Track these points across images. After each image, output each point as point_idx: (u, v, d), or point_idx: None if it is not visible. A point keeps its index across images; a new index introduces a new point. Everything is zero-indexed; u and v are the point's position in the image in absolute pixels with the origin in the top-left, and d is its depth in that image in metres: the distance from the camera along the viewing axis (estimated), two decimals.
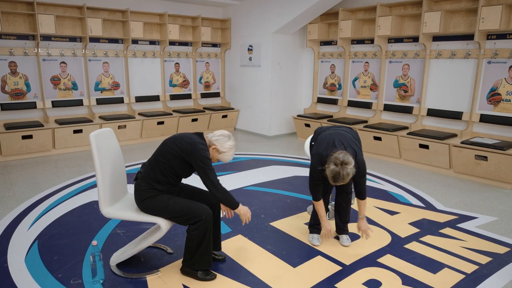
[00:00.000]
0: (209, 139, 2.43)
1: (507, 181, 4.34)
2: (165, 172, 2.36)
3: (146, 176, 2.39)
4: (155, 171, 2.37)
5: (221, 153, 2.42)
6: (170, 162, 2.34)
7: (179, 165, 2.35)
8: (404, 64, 5.74)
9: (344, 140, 2.63)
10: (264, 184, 4.37)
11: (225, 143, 2.41)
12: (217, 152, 2.42)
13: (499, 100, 4.79)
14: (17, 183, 4.32)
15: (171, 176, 2.38)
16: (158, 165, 2.37)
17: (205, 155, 2.33)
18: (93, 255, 2.34)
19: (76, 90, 6.21)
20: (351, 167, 2.40)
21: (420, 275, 2.54)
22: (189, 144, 2.33)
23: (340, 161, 2.39)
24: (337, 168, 2.39)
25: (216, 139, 2.42)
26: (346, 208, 2.93)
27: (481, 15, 4.55)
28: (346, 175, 2.39)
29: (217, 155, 2.43)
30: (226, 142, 2.42)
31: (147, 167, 2.42)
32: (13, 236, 3.01)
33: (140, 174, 2.44)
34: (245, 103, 7.53)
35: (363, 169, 2.61)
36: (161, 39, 6.80)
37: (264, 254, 2.81)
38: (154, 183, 2.37)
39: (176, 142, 2.36)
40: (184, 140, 2.36)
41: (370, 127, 5.60)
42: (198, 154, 2.30)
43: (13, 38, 5.53)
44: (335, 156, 2.43)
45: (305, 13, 6.15)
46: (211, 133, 2.47)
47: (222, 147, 2.41)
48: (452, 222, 3.40)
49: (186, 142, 2.35)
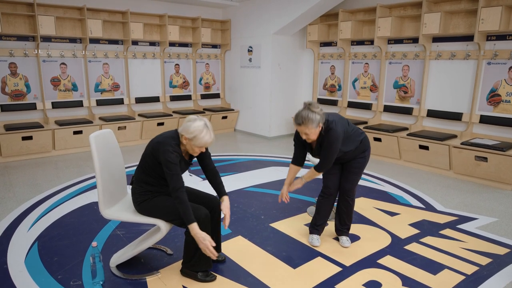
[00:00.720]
0: (179, 132, 2.26)
1: (507, 182, 4.34)
2: (150, 174, 2.35)
3: (138, 179, 2.40)
4: (144, 174, 2.37)
5: (192, 139, 2.21)
6: (149, 163, 2.32)
7: (157, 165, 2.28)
8: (404, 65, 5.74)
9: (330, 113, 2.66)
10: (264, 185, 4.36)
11: (190, 127, 2.20)
12: (189, 141, 2.23)
13: (499, 101, 4.79)
14: (17, 184, 4.32)
15: (157, 178, 2.36)
16: (143, 168, 2.36)
17: (167, 159, 2.17)
18: (93, 256, 2.34)
19: (76, 91, 6.21)
20: (315, 115, 2.42)
21: (420, 276, 2.54)
22: (157, 143, 2.25)
23: (307, 104, 2.47)
24: (301, 109, 2.48)
25: (182, 128, 2.23)
26: (346, 213, 2.92)
27: (481, 16, 4.55)
28: (305, 116, 2.42)
29: (191, 143, 2.23)
30: (192, 125, 2.21)
31: (137, 170, 2.43)
32: (13, 237, 3.01)
33: (134, 177, 2.45)
34: (245, 104, 7.54)
35: (331, 141, 2.52)
36: (161, 40, 6.81)
37: (264, 255, 2.80)
38: (146, 186, 2.37)
39: (151, 142, 2.34)
40: (156, 139, 2.30)
41: (370, 128, 5.60)
42: (162, 157, 2.19)
43: (13, 39, 5.54)
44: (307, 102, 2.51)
45: (305, 14, 6.15)
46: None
47: (189, 133, 2.20)
48: (452, 223, 3.40)
49: (156, 141, 2.28)
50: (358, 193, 4.08)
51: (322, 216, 2.96)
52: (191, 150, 2.30)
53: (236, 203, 3.78)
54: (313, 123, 2.43)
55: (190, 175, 4.70)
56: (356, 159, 2.77)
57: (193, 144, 2.24)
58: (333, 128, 2.52)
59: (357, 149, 2.74)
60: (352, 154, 2.74)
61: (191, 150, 2.30)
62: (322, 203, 2.92)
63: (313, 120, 2.43)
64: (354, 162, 2.78)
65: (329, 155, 2.58)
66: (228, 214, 2.46)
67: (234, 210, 3.60)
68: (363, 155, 2.79)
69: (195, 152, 2.32)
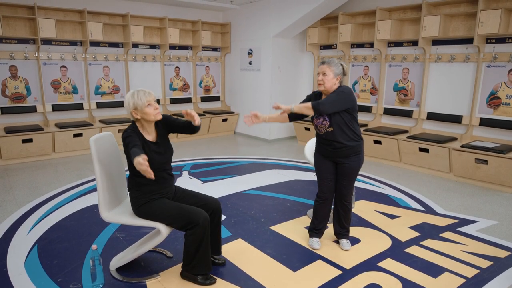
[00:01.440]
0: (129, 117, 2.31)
1: (507, 184, 4.34)
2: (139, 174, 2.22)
3: (132, 184, 2.41)
4: (134, 177, 2.37)
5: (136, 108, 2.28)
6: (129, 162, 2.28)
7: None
8: (403, 68, 5.75)
9: None
10: (264, 188, 4.36)
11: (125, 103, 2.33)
12: (137, 111, 2.30)
13: (499, 104, 4.80)
14: (17, 187, 4.31)
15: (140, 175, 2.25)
16: (131, 171, 2.35)
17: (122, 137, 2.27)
18: (93, 259, 2.34)
19: (76, 94, 6.22)
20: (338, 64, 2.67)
21: (421, 279, 2.53)
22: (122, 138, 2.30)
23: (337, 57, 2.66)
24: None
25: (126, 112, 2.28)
26: (344, 216, 2.92)
27: (480, 19, 4.56)
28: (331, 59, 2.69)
29: (141, 112, 2.29)
30: (125, 101, 2.34)
31: (129, 177, 2.44)
32: (12, 240, 3.01)
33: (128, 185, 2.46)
34: (245, 106, 7.54)
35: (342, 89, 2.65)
36: (161, 43, 6.82)
37: (264, 258, 2.80)
38: (142, 187, 2.37)
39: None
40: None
41: (370, 130, 5.60)
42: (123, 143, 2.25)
43: (13, 42, 5.55)
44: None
45: (305, 17, 6.17)
46: None
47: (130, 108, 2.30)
48: (452, 226, 3.40)
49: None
50: (358, 196, 4.08)
51: (320, 220, 2.96)
52: (148, 117, 2.30)
53: (236, 206, 3.78)
54: (335, 66, 2.65)
55: (190, 178, 4.70)
56: (349, 157, 2.74)
57: (140, 110, 2.29)
58: (346, 86, 2.72)
59: (353, 147, 2.72)
60: (347, 150, 2.72)
61: (148, 117, 2.30)
62: (318, 207, 2.92)
63: (336, 65, 2.66)
64: (347, 165, 2.75)
65: (334, 100, 2.61)
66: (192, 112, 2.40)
67: (234, 213, 3.60)
68: (357, 158, 2.76)
69: (155, 116, 2.32)
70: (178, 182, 4.50)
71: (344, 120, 2.66)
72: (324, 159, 2.83)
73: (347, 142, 2.70)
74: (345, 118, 2.67)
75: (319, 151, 2.87)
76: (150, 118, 2.32)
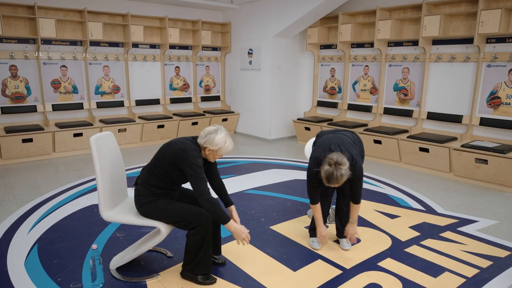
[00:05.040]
0: (201, 144, 2.33)
1: (508, 184, 4.34)
2: (161, 177, 2.35)
3: (145, 181, 2.39)
4: (153, 177, 2.37)
5: (217, 150, 2.31)
6: (165, 168, 2.33)
7: (174, 171, 2.32)
8: (404, 67, 5.75)
9: (341, 144, 2.64)
10: (264, 188, 4.36)
11: (215, 139, 2.29)
12: (214, 152, 2.33)
13: (499, 104, 4.80)
14: (17, 187, 4.31)
15: (169, 182, 2.37)
16: (155, 171, 2.37)
17: (195, 163, 2.24)
18: (93, 259, 2.34)
19: (77, 94, 6.22)
20: (346, 168, 2.40)
21: (421, 279, 2.53)
22: (180, 150, 2.28)
23: (334, 161, 2.40)
24: (330, 168, 2.40)
25: (205, 141, 2.30)
26: (347, 212, 2.92)
27: (481, 19, 4.56)
28: (340, 176, 2.39)
29: (215, 154, 2.34)
30: (215, 138, 2.29)
31: (145, 172, 2.42)
32: (12, 239, 3.01)
33: (139, 179, 2.44)
34: (245, 106, 7.54)
35: (360, 174, 2.60)
36: (161, 43, 6.82)
37: (264, 257, 2.80)
38: (153, 188, 2.37)
39: (170, 147, 2.34)
40: (177, 145, 2.32)
41: (370, 130, 5.60)
42: (188, 162, 2.24)
43: (13, 41, 5.55)
44: (329, 156, 2.45)
45: (305, 17, 6.17)
46: (199, 136, 2.36)
47: (214, 145, 2.29)
48: (452, 226, 3.40)
49: (178, 148, 2.30)
50: None
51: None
52: (212, 158, 2.39)
53: (236, 206, 3.75)
54: (345, 177, 2.43)
55: None
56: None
57: (217, 154, 2.35)
58: (356, 166, 2.56)
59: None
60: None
61: (213, 158, 2.39)
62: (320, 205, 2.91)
63: (345, 175, 2.42)
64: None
65: (361, 186, 2.67)
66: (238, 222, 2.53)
67: None
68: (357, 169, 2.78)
69: (215, 159, 2.41)
70: None
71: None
72: None
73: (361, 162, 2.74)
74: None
75: None
76: (211, 160, 2.42)
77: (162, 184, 2.37)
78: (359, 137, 2.91)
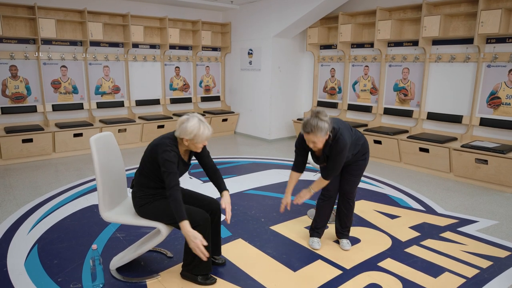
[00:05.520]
0: (177, 136, 2.27)
1: (508, 184, 4.34)
2: (150, 177, 2.36)
3: (138, 183, 2.41)
4: (143, 178, 2.38)
5: (193, 139, 2.23)
6: (149, 167, 2.33)
7: (157, 168, 2.29)
8: (404, 67, 5.75)
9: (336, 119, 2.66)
10: (264, 188, 4.36)
11: (187, 128, 2.21)
12: (191, 141, 2.25)
13: (499, 104, 4.80)
14: (17, 187, 4.31)
15: (157, 181, 2.36)
16: (143, 172, 2.37)
17: (166, 158, 2.18)
18: (93, 259, 2.34)
19: (77, 94, 6.22)
20: (323, 123, 2.41)
21: (421, 279, 2.53)
22: (154, 146, 2.28)
23: (316, 112, 2.45)
24: (309, 116, 2.46)
25: (179, 132, 2.24)
26: (347, 215, 2.92)
27: (481, 19, 4.56)
28: (314, 125, 2.39)
29: (194, 143, 2.26)
30: (187, 126, 2.21)
31: (137, 175, 2.43)
32: (12, 240, 3.01)
33: (134, 181, 2.45)
34: (245, 106, 7.54)
35: (341, 147, 2.53)
36: (161, 43, 6.82)
37: (264, 258, 2.80)
38: (147, 189, 2.38)
39: (149, 146, 2.36)
40: (153, 142, 2.33)
41: (370, 130, 5.60)
42: (160, 157, 2.20)
43: (14, 42, 5.55)
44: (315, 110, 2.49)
45: (305, 17, 6.17)
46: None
47: (188, 134, 2.22)
48: (452, 226, 3.40)
49: (153, 144, 2.30)
50: (359, 196, 4.08)
51: (322, 219, 2.96)
52: (194, 148, 2.32)
53: (236, 206, 3.78)
54: (322, 131, 2.41)
55: (190, 178, 4.70)
56: (356, 161, 2.78)
57: (195, 142, 2.26)
58: (340, 138, 2.52)
59: (359, 153, 2.76)
60: (354, 157, 2.76)
61: (194, 148, 2.31)
62: (322, 205, 2.92)
63: (322, 129, 2.41)
64: (355, 164, 2.79)
65: (337, 163, 2.60)
66: (228, 208, 2.45)
67: (234, 213, 3.59)
68: (364, 157, 2.80)
69: (199, 148, 2.32)
70: None
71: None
72: None
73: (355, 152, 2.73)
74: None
75: None
76: (195, 150, 2.34)
77: (153, 184, 2.37)
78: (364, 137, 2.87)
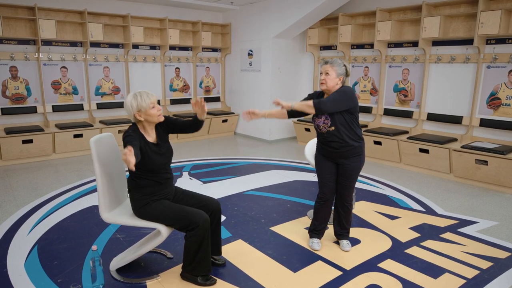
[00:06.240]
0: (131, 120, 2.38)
1: (508, 185, 4.34)
2: (141, 176, 2.35)
3: (132, 185, 2.41)
4: (134, 177, 2.38)
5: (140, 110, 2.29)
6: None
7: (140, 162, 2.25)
8: (404, 68, 5.75)
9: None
10: (264, 189, 4.36)
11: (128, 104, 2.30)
12: (144, 113, 2.30)
13: (499, 105, 4.80)
14: (17, 188, 4.31)
15: (148, 176, 2.35)
16: (132, 173, 2.37)
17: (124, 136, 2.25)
18: (93, 260, 2.34)
19: (77, 95, 6.22)
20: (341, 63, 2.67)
21: (421, 280, 2.53)
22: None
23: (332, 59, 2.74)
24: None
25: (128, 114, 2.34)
26: (345, 217, 2.92)
27: (481, 20, 4.56)
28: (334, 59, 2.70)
29: (146, 113, 2.30)
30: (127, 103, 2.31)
31: (129, 179, 2.44)
32: (12, 240, 3.01)
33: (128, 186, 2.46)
34: (245, 107, 7.54)
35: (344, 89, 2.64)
36: (161, 44, 6.82)
37: (264, 259, 2.80)
38: (141, 189, 2.37)
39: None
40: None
41: (370, 131, 5.60)
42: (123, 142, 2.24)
43: (14, 43, 5.55)
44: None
45: (305, 18, 6.17)
46: None
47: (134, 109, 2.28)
48: (452, 227, 3.40)
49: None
50: (359, 197, 4.08)
51: (321, 221, 2.96)
52: (151, 118, 2.33)
53: (236, 207, 3.78)
54: (338, 66, 2.65)
55: (190, 178, 4.70)
56: (350, 158, 2.74)
57: (144, 112, 2.30)
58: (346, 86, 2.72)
59: (354, 148, 2.72)
60: (348, 150, 2.71)
61: (152, 118, 2.33)
62: (319, 208, 2.92)
63: (339, 65, 2.66)
64: (348, 166, 2.75)
65: (335, 99, 2.61)
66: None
67: (234, 214, 3.60)
68: (358, 159, 2.76)
69: (156, 116, 2.33)
70: (178, 182, 4.50)
71: (346, 120, 2.66)
72: (325, 159, 2.83)
73: (349, 141, 2.69)
74: (347, 118, 2.67)
75: (320, 152, 2.86)
76: (153, 119, 2.35)
77: (145, 182, 2.36)
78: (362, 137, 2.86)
